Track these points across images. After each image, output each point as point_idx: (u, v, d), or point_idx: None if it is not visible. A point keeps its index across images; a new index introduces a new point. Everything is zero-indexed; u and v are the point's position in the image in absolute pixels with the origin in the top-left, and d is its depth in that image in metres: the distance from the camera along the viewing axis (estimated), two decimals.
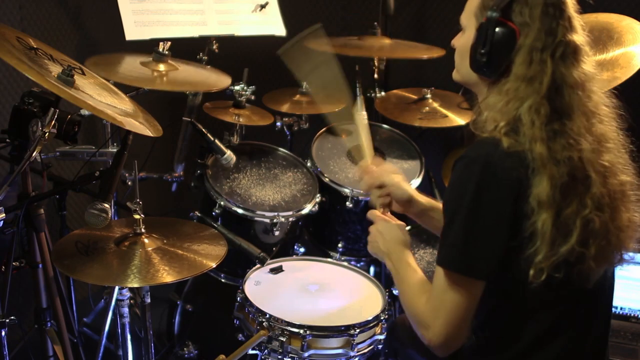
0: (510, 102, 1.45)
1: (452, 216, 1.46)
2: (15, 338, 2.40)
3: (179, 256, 1.92)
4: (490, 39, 1.46)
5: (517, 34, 1.45)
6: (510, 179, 1.41)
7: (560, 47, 1.45)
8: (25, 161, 1.70)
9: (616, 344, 2.32)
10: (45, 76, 1.63)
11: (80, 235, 1.98)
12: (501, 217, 1.42)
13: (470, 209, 1.42)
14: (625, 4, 2.96)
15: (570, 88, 1.46)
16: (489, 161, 1.42)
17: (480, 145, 1.47)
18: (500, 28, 1.46)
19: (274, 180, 2.69)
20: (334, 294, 2.19)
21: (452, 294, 1.45)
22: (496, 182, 1.41)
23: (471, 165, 1.44)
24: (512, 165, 1.41)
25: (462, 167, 1.46)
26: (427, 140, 3.16)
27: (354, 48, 3.01)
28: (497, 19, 1.46)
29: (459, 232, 1.44)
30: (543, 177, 1.40)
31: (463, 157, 1.47)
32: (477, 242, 1.43)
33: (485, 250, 1.43)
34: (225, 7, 2.88)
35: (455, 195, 1.47)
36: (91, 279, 1.87)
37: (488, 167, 1.42)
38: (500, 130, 1.44)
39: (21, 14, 2.70)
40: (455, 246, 1.45)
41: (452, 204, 1.48)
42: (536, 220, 1.40)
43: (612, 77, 2.17)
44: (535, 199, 1.40)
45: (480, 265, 1.44)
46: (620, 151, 1.53)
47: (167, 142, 2.98)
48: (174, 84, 2.52)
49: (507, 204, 1.41)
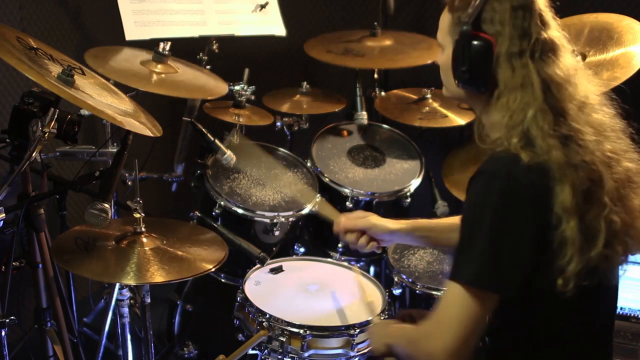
0: (514, 115, 1.43)
1: (473, 232, 1.42)
2: (15, 338, 2.41)
3: (178, 256, 1.92)
4: (468, 54, 1.45)
5: (493, 44, 1.43)
6: (533, 192, 1.39)
7: (537, 46, 1.44)
8: (25, 161, 1.70)
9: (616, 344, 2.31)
10: (45, 76, 1.63)
11: (80, 232, 1.99)
12: (526, 232, 1.40)
13: (494, 223, 1.39)
14: (625, 4, 2.96)
15: (558, 85, 1.44)
16: (510, 175, 1.40)
17: (498, 159, 1.44)
18: (475, 41, 1.44)
19: (274, 180, 2.69)
20: (334, 294, 2.19)
21: (467, 309, 1.41)
22: (520, 198, 1.39)
23: (493, 179, 1.41)
24: (535, 178, 1.39)
25: (483, 182, 1.43)
26: (427, 140, 3.16)
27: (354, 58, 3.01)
28: (470, 32, 1.44)
29: (482, 247, 1.40)
30: (565, 184, 1.38)
31: (482, 172, 1.44)
32: (501, 256, 1.40)
33: (510, 265, 1.41)
34: (225, 7, 2.88)
35: (477, 211, 1.43)
36: (90, 274, 1.88)
37: (510, 181, 1.39)
38: (516, 147, 1.41)
39: (21, 14, 2.70)
40: (478, 261, 1.41)
41: (473, 219, 1.44)
42: (565, 229, 1.38)
43: (612, 77, 2.17)
44: (560, 207, 1.38)
45: (504, 280, 1.41)
46: (620, 137, 1.51)
47: (167, 142, 2.98)
48: (170, 89, 2.47)
49: (532, 218, 1.39)
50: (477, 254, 1.41)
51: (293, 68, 3.53)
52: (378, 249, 2.00)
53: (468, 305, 1.41)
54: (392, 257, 2.54)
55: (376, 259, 2.82)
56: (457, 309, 1.43)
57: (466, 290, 1.42)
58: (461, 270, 1.44)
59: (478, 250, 1.41)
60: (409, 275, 2.45)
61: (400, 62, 3.01)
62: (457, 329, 1.42)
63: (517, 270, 1.41)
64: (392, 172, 2.84)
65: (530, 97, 1.43)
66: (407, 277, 2.44)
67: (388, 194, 2.75)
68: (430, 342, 1.45)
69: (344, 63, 2.99)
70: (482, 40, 1.44)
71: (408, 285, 2.43)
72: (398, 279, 2.45)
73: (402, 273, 2.46)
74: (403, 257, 2.56)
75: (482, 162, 1.46)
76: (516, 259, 1.40)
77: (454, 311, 1.43)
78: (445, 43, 1.55)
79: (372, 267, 2.89)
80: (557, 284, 1.39)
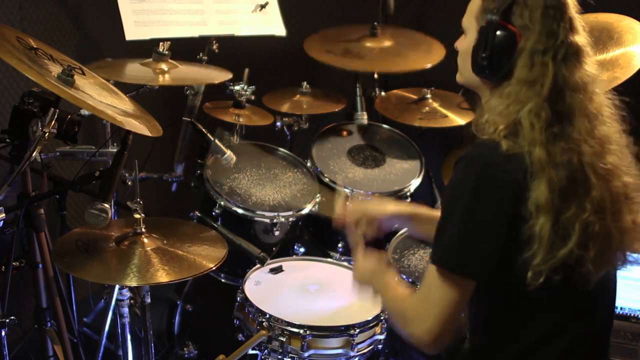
0: (511, 106, 1.45)
1: (449, 214, 1.46)
2: (15, 338, 2.40)
3: (178, 256, 1.92)
4: (491, 42, 1.46)
5: (517, 37, 1.45)
6: (510, 181, 1.41)
7: (562, 49, 1.45)
8: (25, 161, 1.70)
9: (616, 344, 2.32)
10: (45, 76, 1.63)
11: (81, 234, 1.99)
12: (499, 218, 1.42)
13: (468, 208, 1.42)
14: (625, 4, 2.96)
15: (572, 90, 1.45)
16: (488, 162, 1.42)
17: (480, 146, 1.47)
18: (501, 31, 1.45)
19: (274, 180, 2.69)
20: (334, 294, 2.19)
21: (444, 292, 1.45)
22: (495, 183, 1.41)
23: (471, 164, 1.45)
24: (511, 167, 1.40)
25: (462, 166, 1.46)
26: (427, 140, 3.16)
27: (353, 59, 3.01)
28: (497, 22, 1.45)
29: (455, 231, 1.43)
30: (541, 181, 1.39)
31: (463, 157, 1.47)
32: (472, 241, 1.43)
33: (480, 250, 1.43)
34: (225, 7, 2.88)
35: (454, 193, 1.47)
36: (91, 277, 1.88)
37: (487, 167, 1.42)
38: (500, 133, 1.43)
39: (21, 14, 2.70)
40: (450, 244, 1.44)
41: (450, 201, 1.48)
42: (534, 224, 1.40)
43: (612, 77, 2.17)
44: (533, 203, 1.39)
45: (474, 264, 1.44)
46: (623, 152, 1.52)
47: (167, 142, 2.97)
48: (176, 80, 2.52)
49: (505, 205, 1.41)
50: (448, 237, 1.45)
51: (293, 68, 3.53)
52: (380, 233, 1.92)
53: (443, 287, 1.45)
54: (392, 257, 2.54)
55: None
56: (435, 291, 1.46)
57: (439, 273, 1.45)
58: (435, 253, 1.48)
59: (450, 233, 1.44)
60: (409, 275, 2.45)
61: (400, 65, 3.02)
62: (437, 312, 1.45)
63: (487, 254, 1.43)
64: (392, 172, 2.85)
65: (535, 93, 1.44)
66: (407, 277, 2.44)
67: (388, 194, 2.75)
68: (414, 326, 1.49)
69: (343, 65, 2.99)
70: (508, 32, 1.45)
71: (408, 285, 2.43)
72: (398, 278, 2.45)
73: (402, 273, 2.46)
74: (403, 257, 2.56)
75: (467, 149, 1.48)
76: (486, 244, 1.43)
77: (432, 294, 1.47)
78: (470, 27, 1.55)
79: None
80: (526, 276, 1.41)
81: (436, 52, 3.01)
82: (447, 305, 1.45)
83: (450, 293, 1.45)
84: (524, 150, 1.41)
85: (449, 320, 1.46)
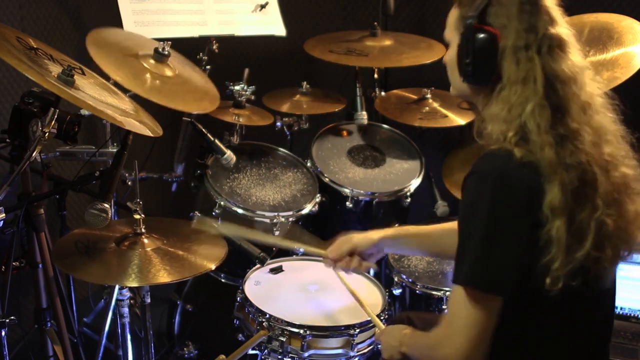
0: (512, 109, 1.43)
1: (469, 233, 1.43)
2: (15, 338, 2.40)
3: (178, 256, 1.92)
4: (472, 47, 1.45)
5: (497, 37, 1.43)
6: (525, 189, 1.39)
7: (545, 41, 1.43)
8: (25, 161, 1.70)
9: (616, 344, 2.31)
10: (45, 76, 1.63)
11: (81, 235, 1.99)
12: (519, 230, 1.39)
13: (487, 225, 1.39)
14: (625, 4, 2.96)
15: (563, 82, 1.44)
16: (502, 174, 1.40)
17: (491, 157, 1.44)
18: (480, 34, 1.44)
19: (274, 180, 2.69)
20: (334, 294, 2.19)
21: (472, 311, 1.41)
22: (511, 195, 1.39)
23: (485, 180, 1.41)
24: (527, 175, 1.39)
25: (474, 182, 1.43)
26: (427, 140, 3.16)
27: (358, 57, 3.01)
28: (475, 26, 1.44)
29: (477, 249, 1.40)
30: (554, 183, 1.38)
31: (474, 172, 1.44)
32: (496, 257, 1.40)
33: (505, 265, 1.40)
34: (225, 7, 2.88)
35: (470, 211, 1.43)
36: (91, 277, 1.88)
37: (502, 179, 1.39)
38: (511, 141, 1.41)
39: (21, 14, 2.70)
40: (474, 263, 1.41)
41: (467, 221, 1.44)
42: (550, 228, 1.38)
43: (612, 77, 2.17)
44: (548, 206, 1.37)
45: (501, 281, 1.41)
46: (620, 142, 1.51)
47: (167, 142, 2.98)
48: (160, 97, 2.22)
49: (523, 215, 1.39)
50: (472, 256, 1.42)
51: (293, 68, 3.53)
52: (373, 265, 2.02)
53: (471, 307, 1.41)
54: (392, 257, 2.55)
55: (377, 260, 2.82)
56: (462, 311, 1.43)
57: (466, 292, 1.42)
58: (459, 273, 1.44)
59: (472, 251, 1.41)
60: (409, 275, 2.45)
61: (404, 60, 3.01)
62: (467, 331, 1.42)
63: (512, 270, 1.40)
64: (392, 172, 2.85)
65: (531, 91, 1.42)
66: (407, 277, 2.44)
67: (388, 194, 2.75)
68: (444, 348, 1.45)
69: (348, 62, 2.99)
70: (486, 33, 1.44)
71: (408, 285, 2.44)
72: (398, 279, 2.46)
73: (402, 273, 2.46)
74: (403, 257, 2.56)
75: (476, 160, 1.45)
76: (510, 259, 1.40)
77: (460, 314, 1.43)
78: (453, 38, 1.55)
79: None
80: (545, 283, 1.39)
81: (437, 49, 3.01)
82: (476, 325, 1.41)
83: (477, 312, 1.41)
84: (537, 156, 1.39)
85: (479, 340, 1.42)
